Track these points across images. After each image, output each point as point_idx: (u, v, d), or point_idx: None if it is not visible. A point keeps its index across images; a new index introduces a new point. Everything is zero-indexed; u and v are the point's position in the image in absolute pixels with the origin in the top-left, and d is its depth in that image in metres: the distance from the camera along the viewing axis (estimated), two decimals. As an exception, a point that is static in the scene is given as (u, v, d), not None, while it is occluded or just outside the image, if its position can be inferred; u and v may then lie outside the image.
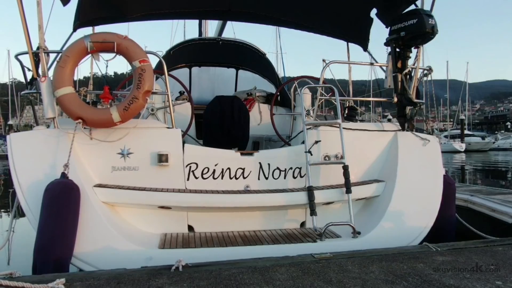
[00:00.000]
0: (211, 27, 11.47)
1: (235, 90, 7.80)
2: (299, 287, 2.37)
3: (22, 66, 4.19)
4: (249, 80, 7.79)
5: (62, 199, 3.23)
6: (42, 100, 3.70)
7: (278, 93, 6.22)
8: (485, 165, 26.83)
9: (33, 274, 2.98)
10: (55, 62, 3.83)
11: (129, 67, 3.87)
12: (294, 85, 5.73)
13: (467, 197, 5.83)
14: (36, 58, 3.84)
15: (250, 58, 7.54)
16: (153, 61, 4.25)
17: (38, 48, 3.79)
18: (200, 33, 10.74)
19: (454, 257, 2.97)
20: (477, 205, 5.53)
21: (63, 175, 3.37)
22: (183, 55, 7.33)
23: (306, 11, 5.80)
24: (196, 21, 10.76)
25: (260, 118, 6.52)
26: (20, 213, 4.05)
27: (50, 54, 3.99)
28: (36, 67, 3.87)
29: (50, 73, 3.82)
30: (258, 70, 7.82)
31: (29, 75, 4.20)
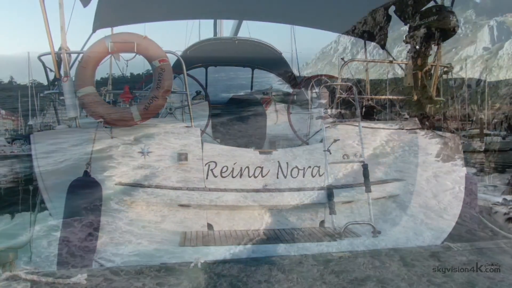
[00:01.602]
0: (226, 27, 11.43)
1: (251, 89, 7.80)
2: (317, 285, 2.37)
3: (45, 67, 4.27)
4: (265, 79, 7.78)
5: (84, 197, 3.30)
6: (64, 99, 3.77)
7: (295, 92, 6.19)
8: (505, 165, 26.21)
9: (57, 270, 3.05)
10: (77, 62, 3.90)
11: (145, 68, 3.92)
12: (311, 83, 5.70)
13: (489, 197, 5.72)
14: (58, 58, 3.91)
15: (266, 57, 7.52)
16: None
17: (60, 49, 3.86)
18: (215, 33, 10.75)
19: (476, 256, 2.92)
20: (499, 205, 5.42)
21: (86, 173, 3.44)
22: (200, 54, 7.35)
23: (323, 9, 5.77)
24: (211, 21, 10.77)
25: (276, 117, 6.51)
26: (41, 210, 4.14)
27: (71, 55, 4.07)
28: (58, 67, 3.94)
29: (72, 73, 3.89)
30: (274, 69, 7.81)
31: (51, 76, 4.29)
